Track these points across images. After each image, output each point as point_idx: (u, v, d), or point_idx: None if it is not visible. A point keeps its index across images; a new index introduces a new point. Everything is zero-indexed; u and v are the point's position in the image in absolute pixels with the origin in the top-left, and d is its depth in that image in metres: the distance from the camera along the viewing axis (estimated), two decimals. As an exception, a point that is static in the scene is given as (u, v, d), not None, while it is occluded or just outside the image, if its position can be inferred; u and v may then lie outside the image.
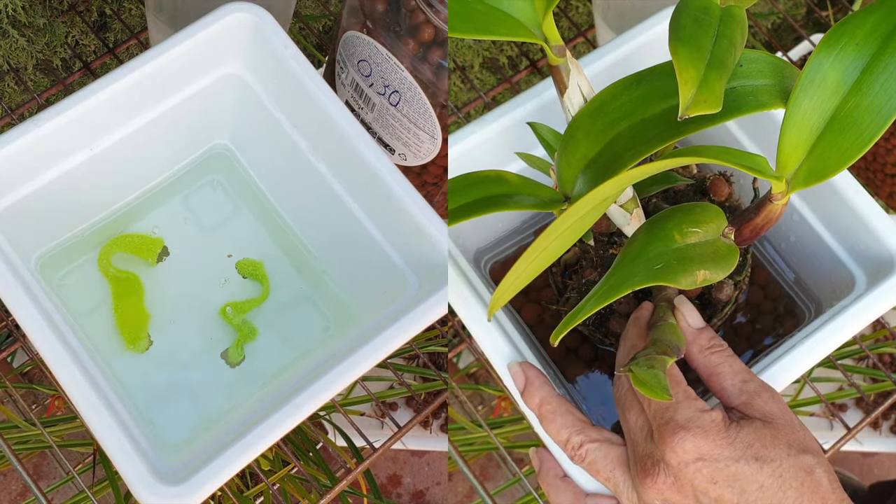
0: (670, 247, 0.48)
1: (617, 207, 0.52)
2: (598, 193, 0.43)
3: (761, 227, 0.50)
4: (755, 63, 0.47)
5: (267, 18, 0.63)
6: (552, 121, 0.57)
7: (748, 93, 0.46)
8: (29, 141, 0.60)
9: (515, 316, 0.66)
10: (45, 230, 0.65)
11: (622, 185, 0.43)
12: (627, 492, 0.51)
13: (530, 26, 0.46)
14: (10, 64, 0.86)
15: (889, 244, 0.60)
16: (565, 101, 0.49)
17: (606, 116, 0.48)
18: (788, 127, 0.46)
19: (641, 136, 0.46)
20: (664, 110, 0.47)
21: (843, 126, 0.45)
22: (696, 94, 0.43)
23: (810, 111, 0.45)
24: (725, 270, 0.48)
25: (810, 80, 0.46)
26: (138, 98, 0.63)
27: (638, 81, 0.48)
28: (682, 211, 0.50)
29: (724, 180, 0.60)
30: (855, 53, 0.45)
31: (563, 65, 0.48)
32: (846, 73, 0.45)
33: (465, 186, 0.50)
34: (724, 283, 0.58)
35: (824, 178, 0.45)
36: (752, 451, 0.48)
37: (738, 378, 0.52)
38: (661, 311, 0.53)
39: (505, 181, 0.51)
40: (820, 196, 0.62)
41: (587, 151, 0.47)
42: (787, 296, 0.67)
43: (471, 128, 0.61)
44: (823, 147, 0.45)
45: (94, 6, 0.88)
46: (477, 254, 0.68)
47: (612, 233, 0.58)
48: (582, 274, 0.60)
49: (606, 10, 0.85)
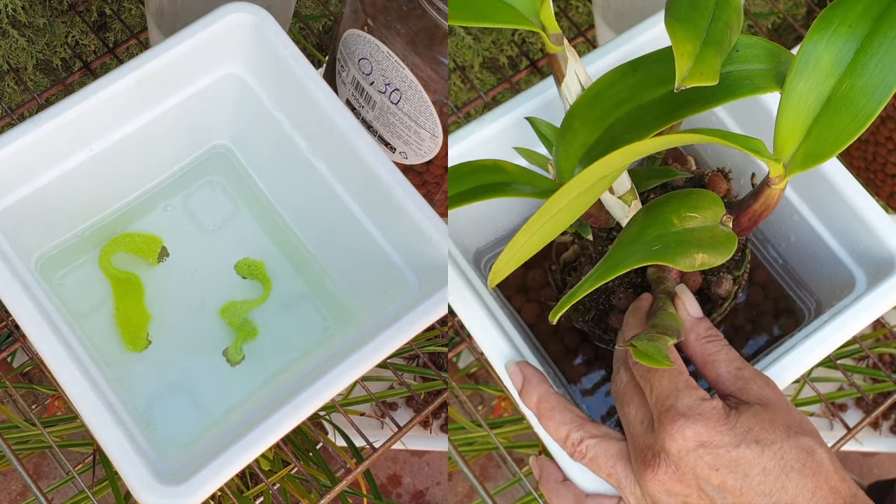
0: (668, 230, 0.48)
1: (615, 199, 0.52)
2: (593, 171, 0.43)
3: (759, 215, 0.50)
4: (751, 48, 0.47)
5: (267, 18, 0.63)
6: (554, 119, 0.57)
7: (744, 77, 0.47)
8: (29, 141, 0.60)
9: (515, 316, 0.66)
10: (45, 230, 0.65)
11: (618, 163, 0.43)
12: (630, 486, 0.51)
13: (528, 14, 0.46)
14: (9, 64, 0.86)
15: (889, 244, 0.60)
16: (563, 89, 0.49)
17: (604, 103, 0.48)
18: (785, 110, 0.46)
19: (639, 121, 0.47)
20: (661, 95, 0.47)
21: (839, 107, 0.45)
22: (693, 67, 0.43)
23: (806, 93, 0.46)
24: (724, 256, 0.48)
25: (805, 63, 0.46)
26: (138, 98, 0.63)
27: (635, 68, 0.48)
28: (679, 196, 0.50)
29: (723, 176, 0.60)
30: (848, 35, 0.45)
31: (560, 53, 0.48)
32: (840, 54, 0.46)
33: (463, 174, 0.51)
34: (723, 279, 0.58)
35: (822, 160, 0.45)
36: (752, 434, 0.48)
37: (732, 366, 0.52)
38: (660, 301, 0.53)
39: (503, 170, 0.52)
40: (820, 196, 0.62)
41: (585, 139, 0.48)
42: (787, 296, 0.67)
43: (471, 127, 0.61)
44: (820, 129, 0.45)
45: (94, 6, 0.88)
46: (477, 254, 0.68)
47: (611, 228, 0.58)
48: (581, 271, 0.60)
49: (606, 10, 0.85)
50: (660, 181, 0.57)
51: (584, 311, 0.59)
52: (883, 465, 1.41)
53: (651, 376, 0.50)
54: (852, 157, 0.88)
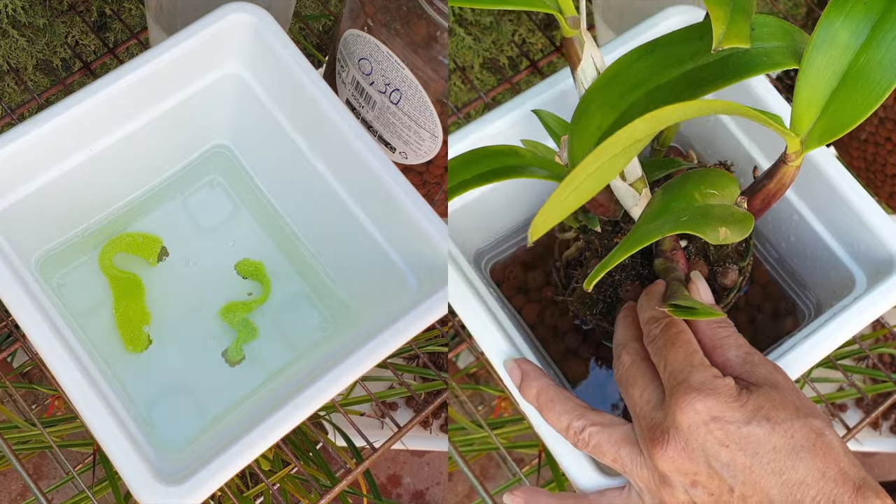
0: (692, 204, 0.49)
1: (626, 186, 0.52)
2: (631, 130, 0.42)
3: (773, 195, 0.50)
4: (767, 27, 0.48)
5: (267, 18, 0.63)
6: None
7: (762, 54, 0.47)
8: (29, 141, 0.60)
9: (515, 316, 0.66)
10: (45, 230, 0.65)
11: (655, 124, 0.43)
12: (637, 469, 0.51)
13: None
14: (9, 64, 0.86)
15: (889, 244, 0.60)
16: (578, 74, 0.49)
17: (621, 86, 0.48)
18: (802, 85, 0.47)
19: (657, 102, 0.47)
20: (679, 75, 0.47)
21: (856, 81, 0.46)
22: (727, 30, 0.44)
23: (823, 68, 0.47)
24: (743, 232, 0.48)
25: (822, 39, 0.47)
26: (138, 98, 0.63)
27: (652, 49, 0.48)
28: (698, 174, 0.51)
29: (725, 168, 0.61)
30: (864, 12, 0.46)
31: (576, 37, 0.48)
32: (857, 30, 0.46)
33: (479, 157, 0.52)
34: (729, 269, 0.58)
35: (839, 133, 0.46)
36: (763, 412, 0.48)
37: (742, 350, 0.51)
38: (673, 287, 0.53)
39: (518, 154, 0.53)
40: (820, 196, 0.62)
41: (601, 122, 0.47)
42: (787, 296, 0.67)
43: (471, 127, 0.61)
44: (838, 103, 0.46)
45: (94, 6, 0.88)
46: (477, 254, 0.68)
47: (618, 220, 0.58)
48: (587, 266, 0.60)
49: (606, 10, 0.85)
50: (664, 172, 0.57)
51: (591, 305, 0.59)
52: (883, 465, 1.41)
53: (667, 352, 0.50)
54: (852, 158, 0.88)
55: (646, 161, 0.58)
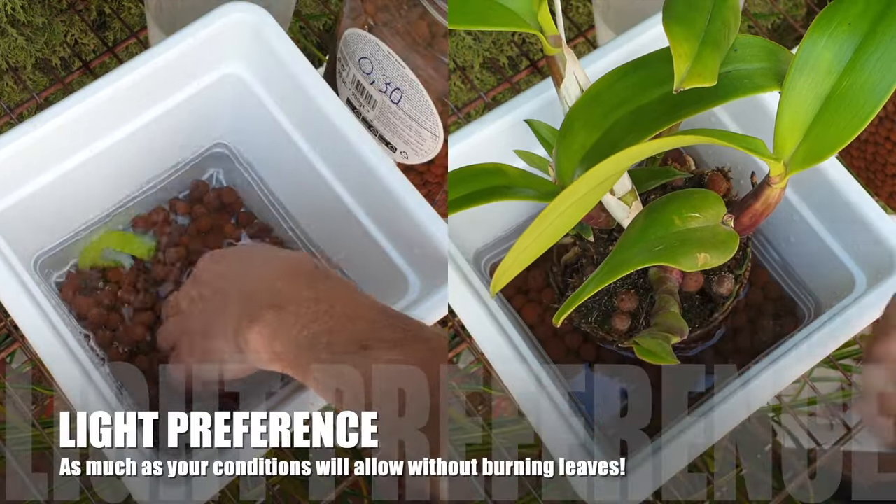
0: (670, 230, 0.48)
1: (616, 200, 0.52)
2: (595, 173, 0.43)
3: (760, 214, 0.50)
4: (750, 48, 0.47)
5: (267, 18, 0.63)
6: (554, 120, 0.57)
7: (743, 76, 0.47)
8: (29, 141, 0.60)
9: (516, 316, 0.66)
10: (45, 230, 0.65)
11: (619, 166, 0.44)
12: None
13: (526, 17, 0.46)
14: (8, 63, 0.86)
15: (889, 244, 0.60)
16: (562, 91, 0.49)
17: (604, 104, 0.48)
18: (784, 108, 0.46)
19: (639, 122, 0.47)
20: (661, 96, 0.47)
21: (839, 105, 0.45)
22: (692, 68, 0.43)
23: (806, 91, 0.46)
24: (725, 255, 0.48)
25: (805, 61, 0.46)
26: (138, 98, 0.63)
27: (634, 68, 0.48)
28: (680, 196, 0.50)
29: (723, 175, 0.60)
30: (848, 33, 0.45)
31: (558, 55, 0.48)
32: (840, 52, 0.46)
33: (465, 177, 0.52)
34: (724, 277, 0.58)
35: (822, 158, 0.45)
36: None
37: None
38: (662, 300, 0.53)
39: (504, 173, 0.52)
40: (820, 197, 0.62)
41: (585, 140, 0.48)
42: (787, 296, 0.67)
43: (471, 127, 0.61)
44: (820, 127, 0.45)
45: (94, 5, 0.88)
46: (477, 254, 0.68)
47: (612, 229, 0.58)
48: (583, 272, 0.60)
49: (606, 10, 0.85)
50: (660, 181, 0.57)
51: (586, 313, 0.59)
52: (883, 466, 1.40)
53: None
54: (852, 158, 0.88)
55: (640, 170, 0.57)
